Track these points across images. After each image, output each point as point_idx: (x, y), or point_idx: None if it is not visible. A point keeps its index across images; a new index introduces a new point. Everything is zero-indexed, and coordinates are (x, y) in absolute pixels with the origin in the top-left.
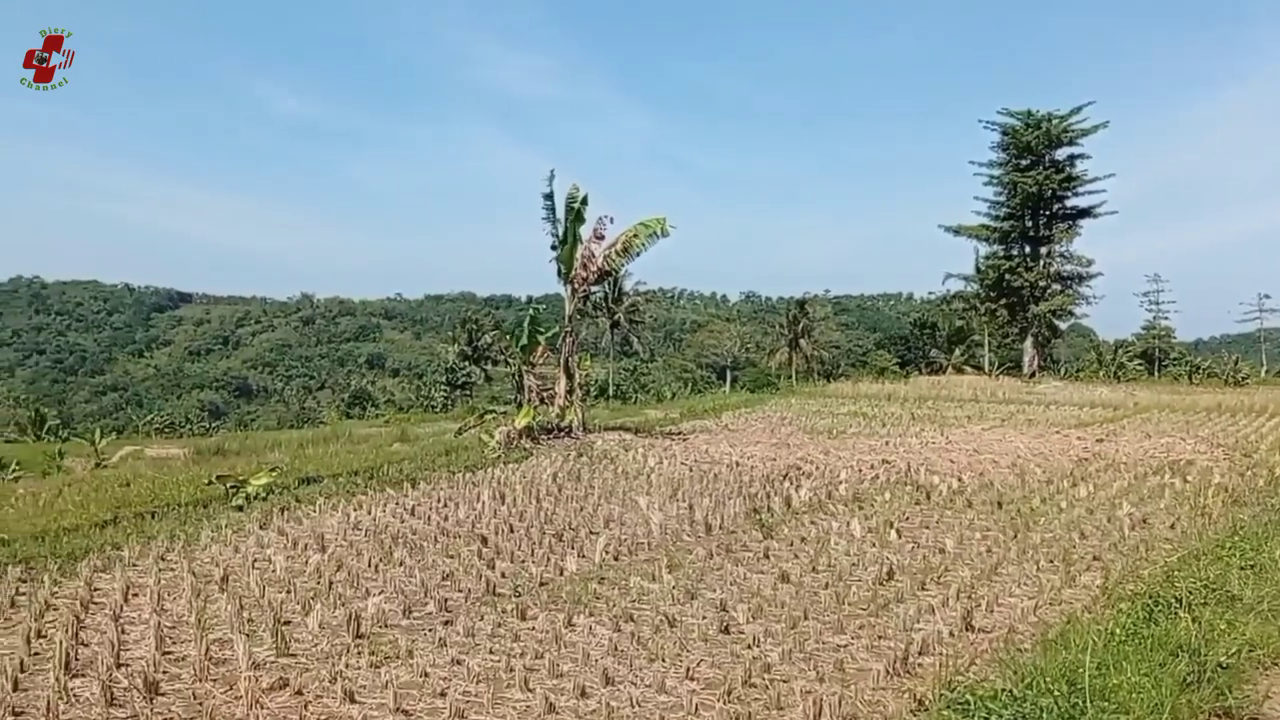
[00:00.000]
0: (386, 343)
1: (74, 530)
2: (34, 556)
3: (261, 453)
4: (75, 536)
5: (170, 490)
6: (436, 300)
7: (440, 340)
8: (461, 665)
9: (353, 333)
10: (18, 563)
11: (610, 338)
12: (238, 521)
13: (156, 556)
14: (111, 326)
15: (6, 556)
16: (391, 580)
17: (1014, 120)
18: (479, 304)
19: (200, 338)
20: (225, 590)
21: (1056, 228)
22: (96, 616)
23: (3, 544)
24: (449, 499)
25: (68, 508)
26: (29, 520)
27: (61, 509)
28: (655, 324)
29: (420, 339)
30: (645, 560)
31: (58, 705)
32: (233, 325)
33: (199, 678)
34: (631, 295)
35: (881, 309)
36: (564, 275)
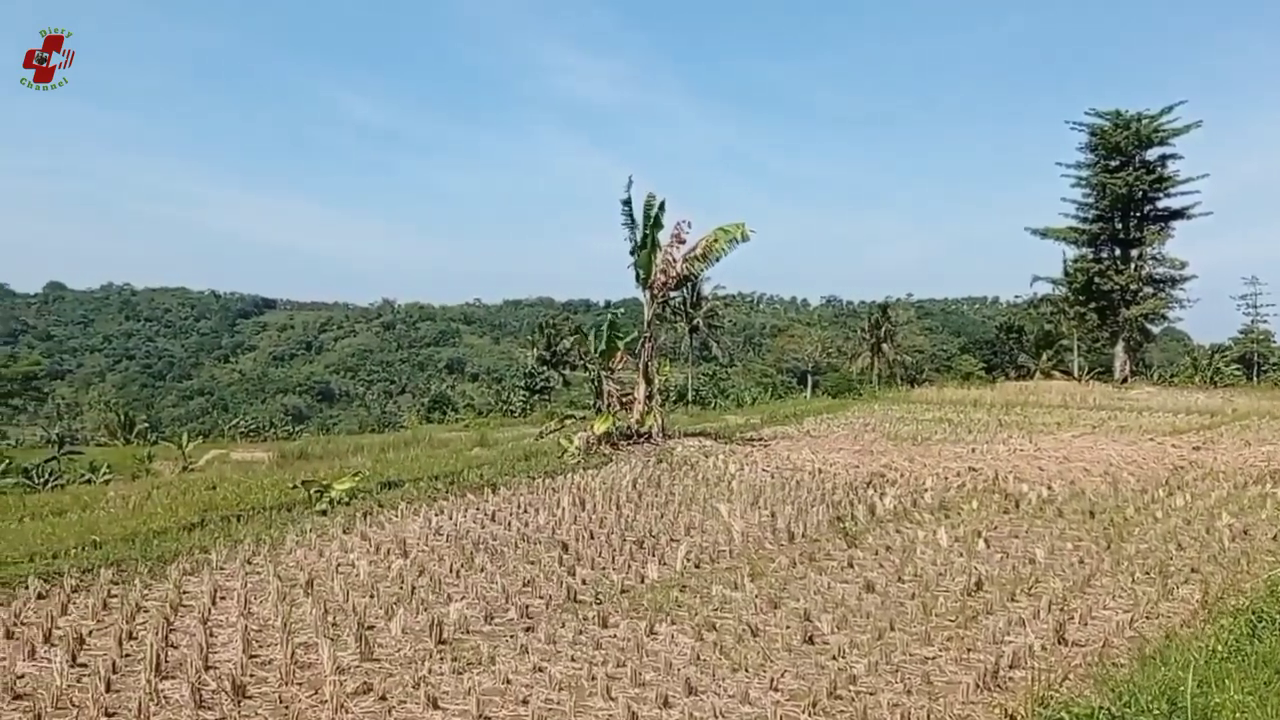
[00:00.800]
0: (466, 347)
1: (163, 533)
2: (125, 559)
3: (343, 457)
4: (164, 539)
5: (255, 494)
6: (515, 305)
7: (519, 345)
8: (543, 672)
9: (432, 338)
10: (110, 565)
11: (689, 343)
12: (321, 526)
13: (243, 560)
14: (198, 332)
15: (99, 559)
16: (473, 586)
17: (1102, 121)
18: (557, 309)
19: (284, 343)
20: (310, 594)
21: (1148, 230)
22: (185, 619)
23: (95, 546)
24: (529, 504)
25: (156, 510)
26: (120, 523)
27: (150, 512)
28: (735, 329)
29: (499, 344)
30: (727, 568)
31: (149, 706)
32: (315, 331)
33: (285, 681)
34: (710, 300)
35: (966, 313)
36: (642, 280)
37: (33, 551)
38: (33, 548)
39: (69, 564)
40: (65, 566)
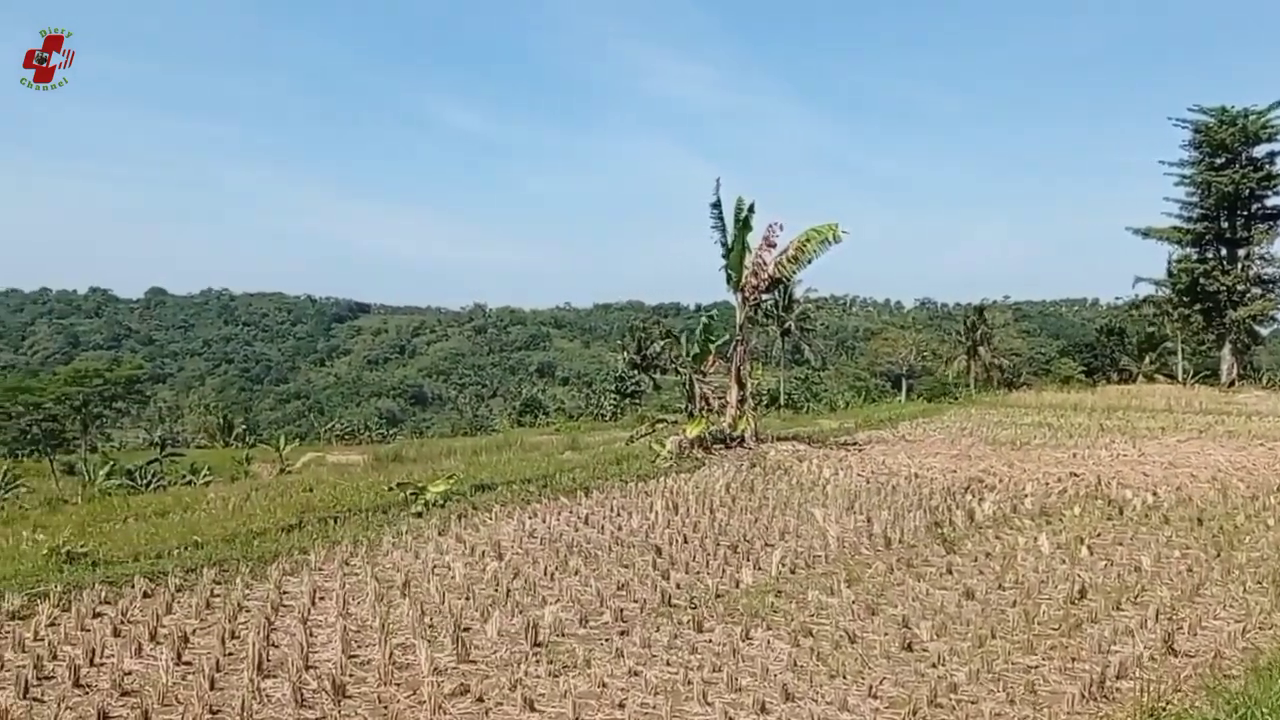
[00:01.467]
0: (556, 351)
1: (262, 534)
2: (227, 559)
3: (437, 459)
4: (264, 540)
5: (351, 496)
6: (605, 309)
7: (609, 349)
8: (639, 676)
9: (523, 341)
10: (212, 565)
11: (781, 346)
12: (417, 528)
13: (341, 561)
14: (295, 336)
15: (202, 559)
16: (567, 589)
17: (1207, 117)
18: (647, 312)
19: (378, 347)
20: (406, 595)
21: (1255, 229)
22: (285, 619)
23: (197, 546)
24: (622, 508)
25: (256, 512)
26: (220, 524)
27: (250, 513)
28: (827, 332)
29: (589, 347)
30: (823, 574)
31: (251, 705)
32: (409, 335)
33: (383, 681)
34: (802, 302)
35: (1065, 315)
36: (734, 283)
37: (137, 551)
38: (137, 548)
39: (173, 564)
40: (169, 566)
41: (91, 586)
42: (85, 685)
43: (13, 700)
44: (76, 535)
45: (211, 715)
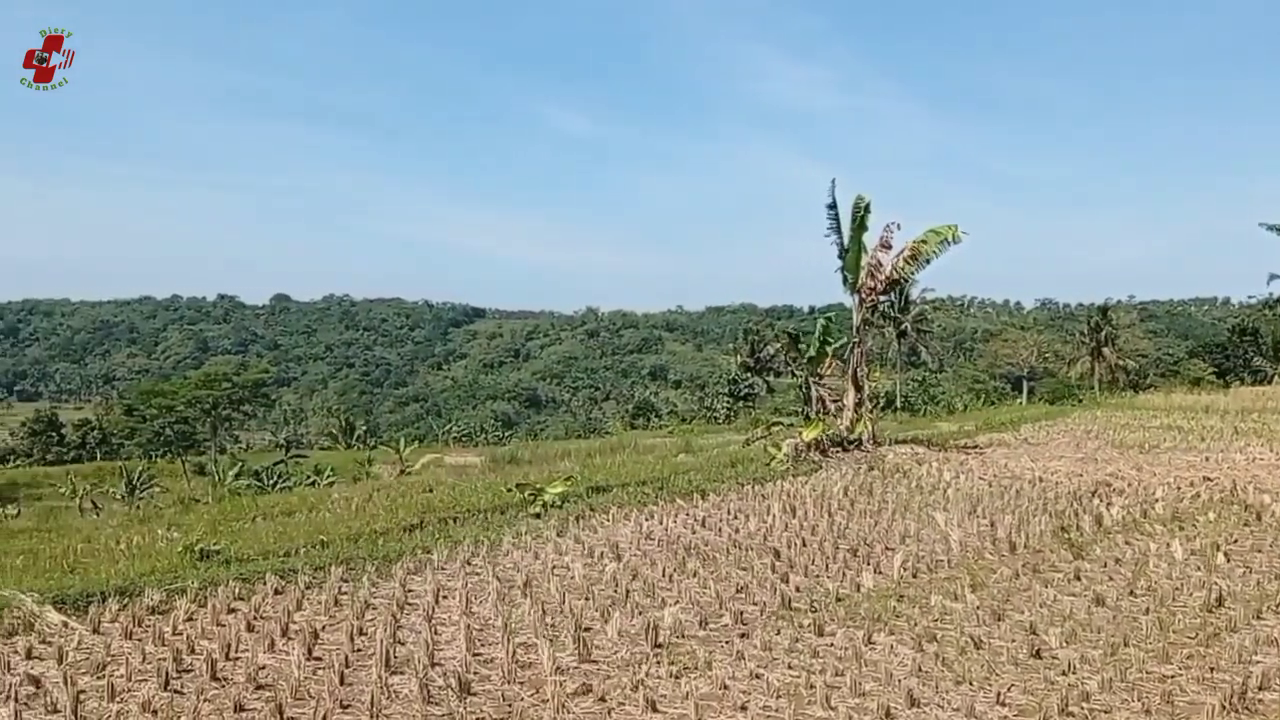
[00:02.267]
0: (668, 354)
1: (385, 533)
2: (353, 558)
3: (552, 461)
4: (387, 539)
5: (470, 497)
6: (717, 312)
7: (722, 351)
8: (760, 679)
9: (636, 345)
10: (339, 563)
11: (897, 348)
12: (536, 529)
13: (463, 561)
14: (413, 341)
15: (329, 557)
16: (686, 591)
17: None
18: (760, 315)
19: (493, 351)
20: (527, 595)
21: None
22: (411, 616)
23: (323, 545)
24: (739, 511)
25: (378, 512)
26: (344, 523)
27: (372, 513)
28: (944, 333)
29: (702, 350)
30: (946, 578)
31: (380, 700)
32: (523, 339)
33: (507, 680)
34: (919, 304)
35: (1194, 315)
36: (850, 285)
37: (266, 549)
38: (266, 546)
39: (301, 562)
40: (299, 564)
41: (226, 583)
42: (222, 678)
43: (155, 692)
44: (209, 533)
45: (342, 710)
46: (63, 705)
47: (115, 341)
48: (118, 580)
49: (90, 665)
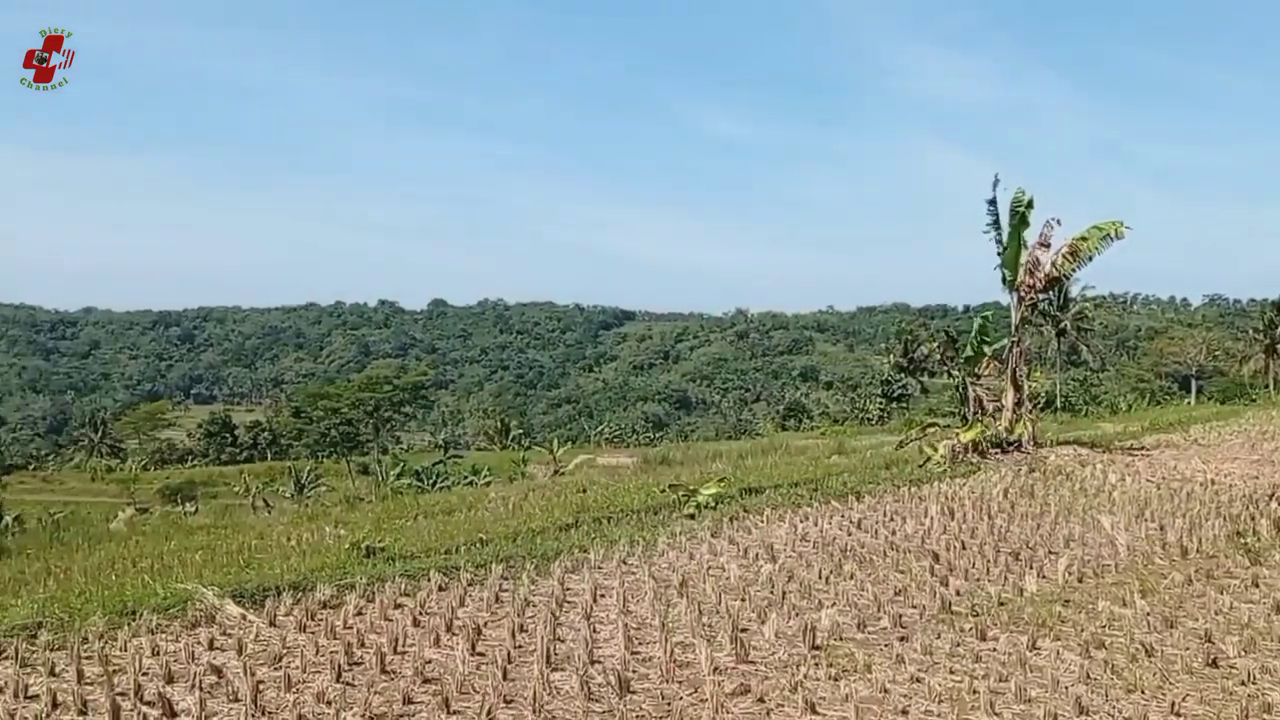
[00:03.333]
0: (819, 355)
1: (541, 532)
2: (512, 556)
3: (703, 462)
4: (544, 538)
5: (623, 497)
6: (869, 312)
7: (874, 352)
8: (921, 683)
9: (786, 346)
10: (499, 561)
11: (1056, 347)
12: (690, 529)
13: (619, 560)
14: (564, 343)
15: (489, 555)
16: (843, 593)
17: None
18: (913, 315)
19: (643, 353)
20: (683, 595)
21: None
22: (570, 614)
23: (482, 543)
24: (895, 513)
25: (534, 511)
26: (502, 522)
27: (529, 512)
28: (1105, 331)
29: (853, 351)
30: (1113, 583)
31: (542, 695)
32: (672, 340)
33: (665, 679)
34: (1079, 301)
35: None
36: (1008, 283)
37: (429, 547)
38: (428, 543)
39: (463, 559)
40: (460, 562)
41: (392, 579)
42: (390, 671)
43: (328, 683)
44: (374, 531)
45: (506, 705)
46: (243, 695)
47: (283, 346)
48: (291, 575)
49: (267, 657)
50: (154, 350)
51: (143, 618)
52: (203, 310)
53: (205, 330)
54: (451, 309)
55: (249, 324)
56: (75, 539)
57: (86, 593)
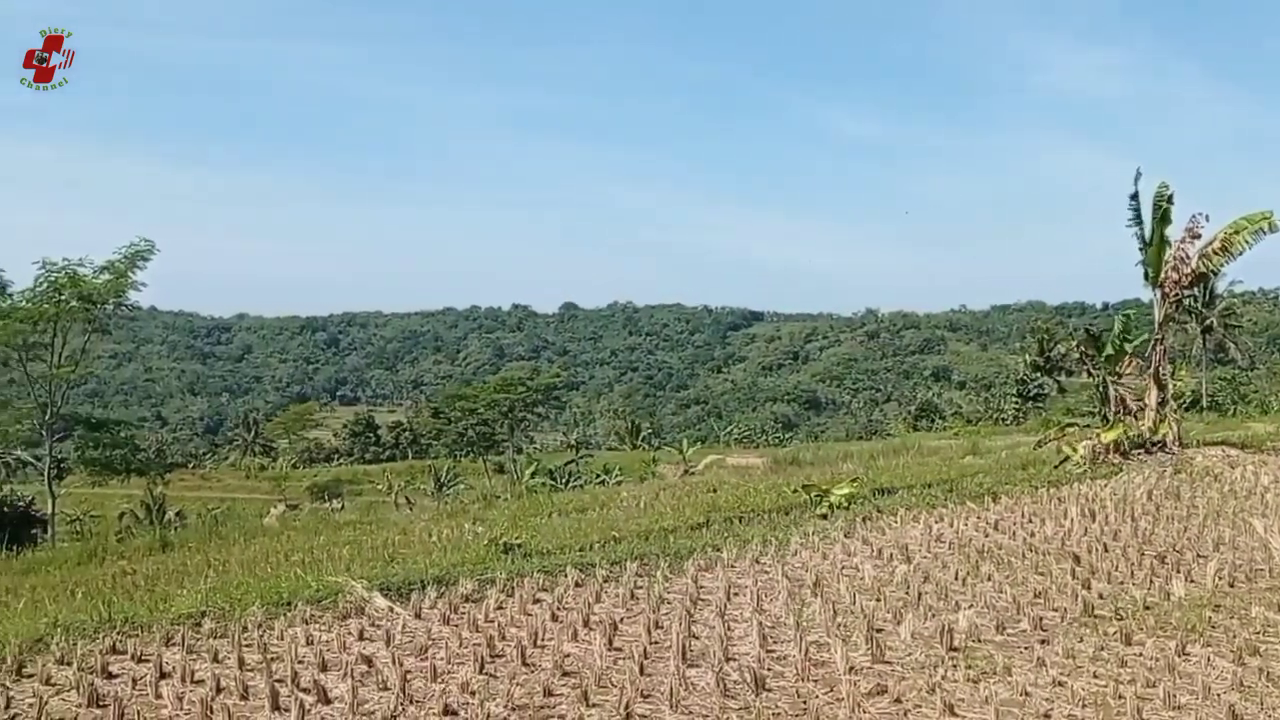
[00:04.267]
0: (951, 355)
1: (673, 531)
2: (646, 554)
3: (834, 463)
4: (676, 537)
5: (754, 497)
6: (1003, 310)
7: (1008, 351)
8: (1064, 687)
9: (917, 346)
10: (633, 559)
11: (1201, 344)
12: (823, 529)
13: (751, 559)
14: (693, 345)
15: (623, 552)
16: (980, 595)
17: None
18: (1049, 313)
19: (772, 354)
20: (817, 595)
21: None
22: (704, 612)
23: (615, 541)
24: (1033, 514)
25: (666, 510)
26: (634, 520)
27: (660, 511)
28: (1255, 328)
29: (986, 350)
30: (1267, 589)
31: (678, 690)
32: (801, 341)
33: (800, 677)
34: (1226, 297)
35: None
36: (1151, 279)
37: (563, 544)
38: (563, 541)
39: (598, 556)
40: (595, 559)
41: (530, 575)
42: (531, 664)
43: (472, 674)
44: (510, 528)
45: (643, 699)
46: (392, 683)
47: (422, 349)
48: (434, 570)
49: (414, 648)
50: (302, 354)
51: (297, 608)
52: (347, 315)
53: (349, 335)
54: (582, 312)
55: (390, 328)
56: (232, 534)
57: (244, 584)
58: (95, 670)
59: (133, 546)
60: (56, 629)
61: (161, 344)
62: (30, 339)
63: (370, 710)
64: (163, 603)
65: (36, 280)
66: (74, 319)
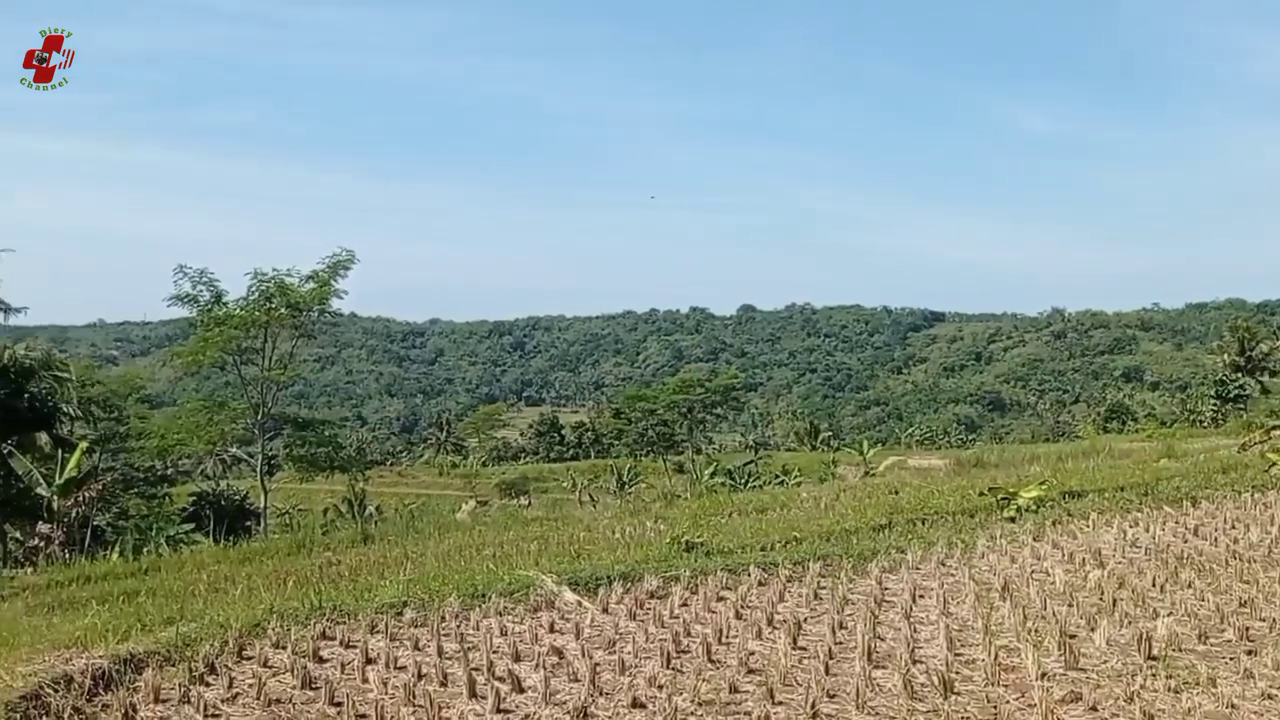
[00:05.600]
0: (1144, 355)
1: (854, 532)
2: (829, 555)
3: (1019, 465)
4: (858, 538)
5: (937, 499)
6: (1199, 309)
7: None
8: (1274, 700)
9: (1106, 346)
10: (815, 559)
11: None
12: (1010, 532)
13: (937, 562)
14: (872, 346)
15: (805, 553)
16: (1180, 602)
17: None
18: (1250, 310)
19: (953, 354)
20: (1006, 599)
21: None
22: (889, 614)
23: (796, 541)
24: (1236, 520)
25: (846, 511)
26: (814, 521)
27: (841, 512)
28: None
29: (1182, 350)
30: None
31: (864, 691)
32: (984, 341)
33: (990, 681)
34: None
35: None
36: None
37: (745, 543)
38: (744, 540)
39: (780, 556)
40: (778, 558)
41: (714, 573)
42: (716, 661)
43: (659, 668)
44: (691, 527)
45: (829, 698)
46: (582, 675)
47: (603, 352)
48: (620, 566)
49: (602, 641)
50: (490, 357)
51: (491, 600)
52: (532, 320)
53: (534, 338)
54: (760, 314)
55: (572, 331)
56: (427, 528)
57: (441, 576)
58: (308, 655)
59: (337, 539)
60: (272, 615)
61: (361, 348)
62: (244, 344)
63: (562, 700)
64: (366, 592)
65: (249, 290)
66: (283, 325)
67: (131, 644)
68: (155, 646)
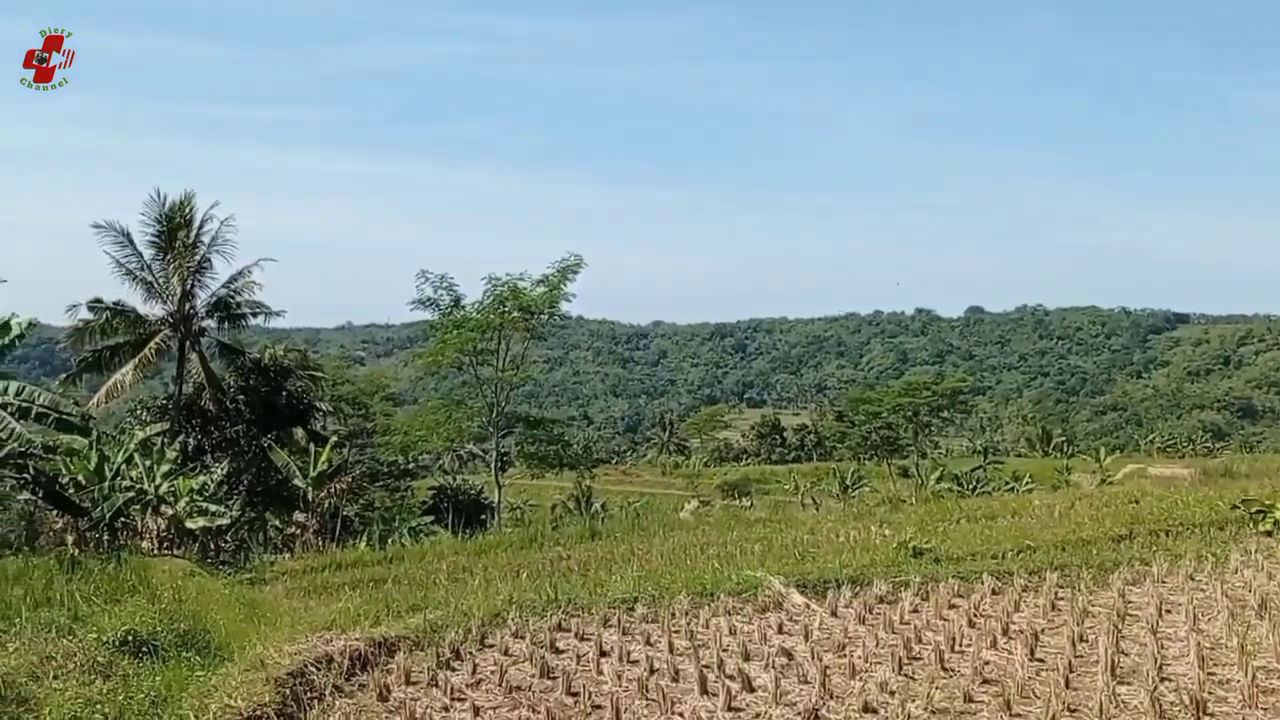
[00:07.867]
0: None
1: (1091, 542)
2: (1066, 564)
3: (1273, 476)
4: (1097, 548)
5: (1182, 510)
6: None
7: None
8: None
9: None
10: (1053, 569)
11: None
12: (1267, 547)
13: (1185, 575)
14: (1109, 349)
15: (1041, 562)
16: None
17: None
18: None
19: (1198, 358)
20: (1264, 617)
21: None
22: (1133, 628)
23: (1030, 550)
24: None
25: (1082, 520)
26: (1048, 529)
27: (1076, 521)
28: None
29: None
30: None
31: (1108, 707)
32: (1234, 345)
33: (1247, 704)
34: None
35: None
36: None
37: (974, 550)
38: (973, 547)
39: (1014, 565)
40: (1012, 567)
41: (945, 580)
42: (949, 669)
43: (890, 674)
44: (918, 532)
45: (1069, 713)
46: (812, 678)
47: (825, 354)
48: (847, 570)
49: (831, 644)
50: (712, 359)
51: (719, 599)
52: (753, 322)
53: (756, 340)
54: (988, 316)
55: (794, 334)
56: (652, 526)
57: (669, 574)
58: (545, 645)
59: (566, 534)
60: (511, 606)
61: (587, 350)
62: (479, 346)
63: (792, 702)
64: (598, 587)
65: (484, 294)
66: (515, 328)
67: (384, 628)
68: (405, 631)
